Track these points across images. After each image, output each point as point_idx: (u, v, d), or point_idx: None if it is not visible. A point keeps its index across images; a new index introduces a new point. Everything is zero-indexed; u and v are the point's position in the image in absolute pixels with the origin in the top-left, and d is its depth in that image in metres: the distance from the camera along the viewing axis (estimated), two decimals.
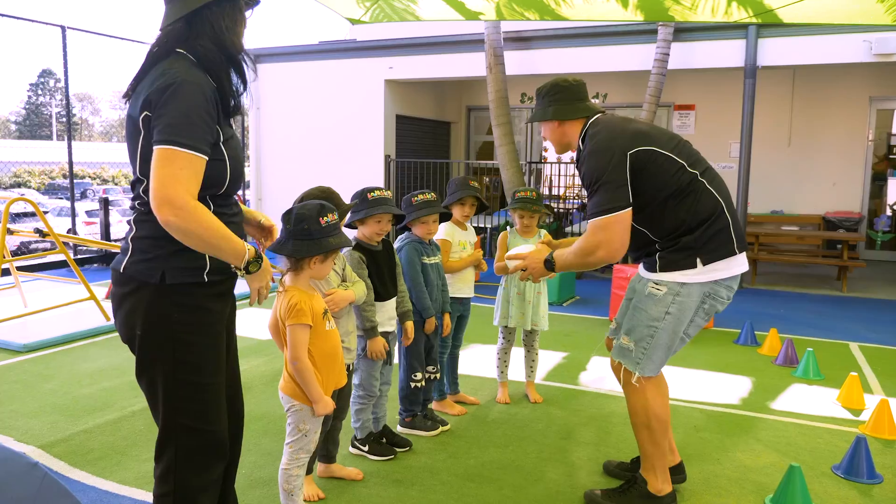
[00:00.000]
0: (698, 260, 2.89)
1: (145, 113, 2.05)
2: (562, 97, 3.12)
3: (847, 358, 5.82)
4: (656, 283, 2.98)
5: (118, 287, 2.22)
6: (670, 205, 2.91)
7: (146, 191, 2.07)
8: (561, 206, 12.02)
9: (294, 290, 2.70)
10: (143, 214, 2.16)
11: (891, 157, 11.39)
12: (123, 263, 2.18)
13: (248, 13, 2.28)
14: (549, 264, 3.15)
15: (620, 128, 2.99)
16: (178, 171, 1.99)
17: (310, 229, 2.59)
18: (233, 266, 2.16)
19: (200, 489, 2.29)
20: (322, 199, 2.90)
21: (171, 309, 2.14)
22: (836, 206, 11.35)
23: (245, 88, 2.28)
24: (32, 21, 9.47)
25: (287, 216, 2.65)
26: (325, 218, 2.61)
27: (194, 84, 2.06)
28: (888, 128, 11.42)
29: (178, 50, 2.14)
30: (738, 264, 2.96)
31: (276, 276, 2.99)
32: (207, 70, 2.14)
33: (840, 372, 5.16)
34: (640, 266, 3.15)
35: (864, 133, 11.17)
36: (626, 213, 2.87)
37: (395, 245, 3.83)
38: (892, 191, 11.45)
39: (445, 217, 4.20)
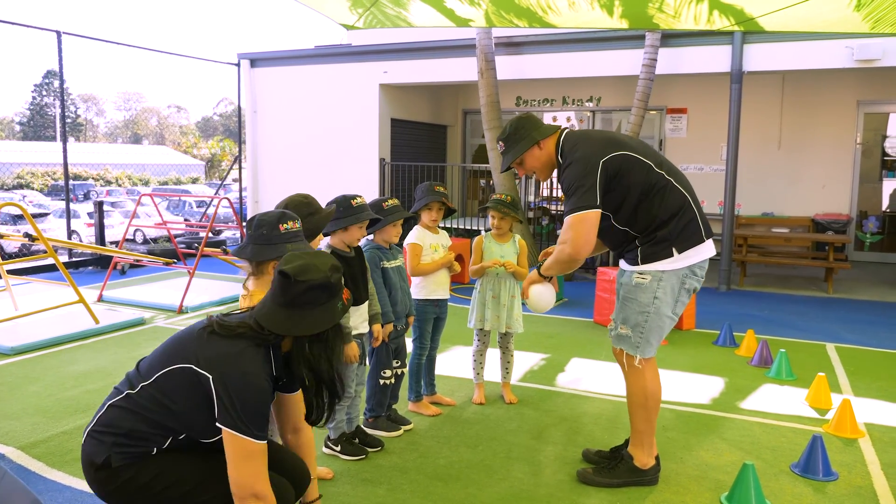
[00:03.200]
0: (674, 249, 3.23)
1: None
2: (528, 127, 3.43)
3: (822, 358, 5.90)
4: (641, 273, 3.29)
5: (88, 465, 2.33)
6: (644, 202, 3.22)
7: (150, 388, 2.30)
8: (556, 208, 12.13)
9: (259, 294, 2.80)
10: (127, 402, 2.32)
11: (885, 158, 11.45)
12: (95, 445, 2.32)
13: None
14: (538, 270, 3.52)
15: (593, 138, 3.31)
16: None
17: (268, 234, 2.71)
18: None
19: None
20: (302, 204, 3.08)
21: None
22: (826, 208, 11.42)
23: None
24: (28, 26, 9.59)
25: (249, 222, 2.79)
26: (284, 225, 2.73)
27: None
28: (878, 131, 11.48)
29: None
30: (707, 249, 3.31)
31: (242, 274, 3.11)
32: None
33: (813, 372, 5.22)
34: (622, 262, 3.42)
35: (853, 136, 11.24)
36: (593, 213, 3.16)
37: None
38: (887, 192, 11.53)
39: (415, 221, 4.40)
